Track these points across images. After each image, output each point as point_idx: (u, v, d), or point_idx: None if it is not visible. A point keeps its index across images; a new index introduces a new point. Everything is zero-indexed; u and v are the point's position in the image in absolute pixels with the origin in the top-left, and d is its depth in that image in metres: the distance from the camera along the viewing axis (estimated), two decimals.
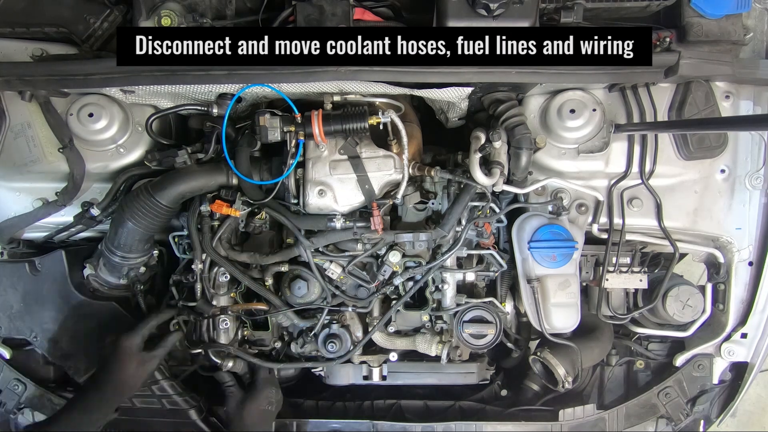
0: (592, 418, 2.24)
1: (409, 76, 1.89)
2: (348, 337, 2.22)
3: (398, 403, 2.42)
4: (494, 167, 2.01)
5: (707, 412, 2.28)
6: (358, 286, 2.22)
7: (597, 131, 2.12)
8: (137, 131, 2.18)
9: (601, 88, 2.15)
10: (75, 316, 2.20)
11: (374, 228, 2.02)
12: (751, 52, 2.18)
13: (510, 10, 1.89)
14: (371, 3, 2.19)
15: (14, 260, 2.27)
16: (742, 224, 2.18)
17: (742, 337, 2.21)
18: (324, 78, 1.89)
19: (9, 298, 2.20)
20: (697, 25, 2.10)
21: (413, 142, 2.16)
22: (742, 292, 2.21)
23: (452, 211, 2.09)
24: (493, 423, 2.26)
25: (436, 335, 2.25)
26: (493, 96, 2.12)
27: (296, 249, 2.11)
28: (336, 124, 1.96)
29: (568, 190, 2.18)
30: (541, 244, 2.12)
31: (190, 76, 1.92)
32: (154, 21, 2.06)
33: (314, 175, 2.05)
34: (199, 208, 2.10)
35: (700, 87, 2.06)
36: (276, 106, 2.12)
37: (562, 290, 2.14)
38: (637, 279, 2.24)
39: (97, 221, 2.21)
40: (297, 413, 2.38)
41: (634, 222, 2.17)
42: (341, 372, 2.40)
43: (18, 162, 2.16)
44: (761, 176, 2.15)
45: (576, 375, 2.27)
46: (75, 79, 1.95)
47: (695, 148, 2.09)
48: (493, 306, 2.21)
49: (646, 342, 2.48)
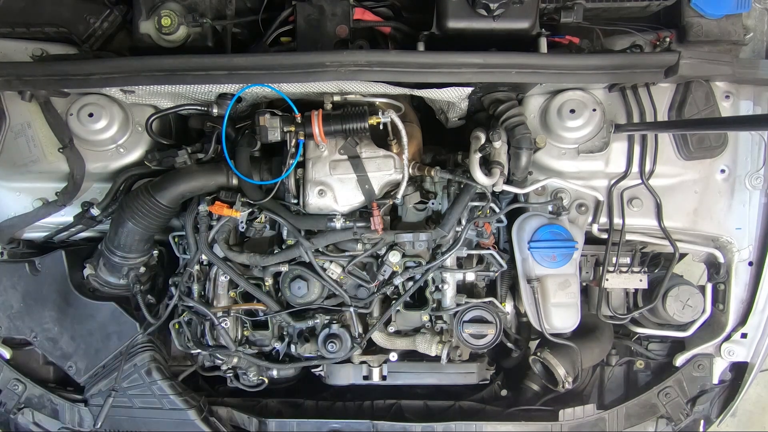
0: (592, 418, 2.24)
1: (409, 76, 1.89)
2: (348, 337, 2.21)
3: (398, 403, 2.42)
4: (494, 167, 2.01)
5: (707, 412, 2.28)
6: (358, 286, 2.22)
7: (597, 131, 2.12)
8: (137, 131, 2.18)
9: (601, 88, 2.14)
10: (75, 316, 2.20)
11: (374, 228, 2.02)
12: (751, 52, 2.19)
13: (510, 10, 1.89)
14: (371, 3, 2.20)
15: (14, 260, 2.27)
16: (742, 224, 2.18)
17: (742, 337, 2.21)
18: (324, 78, 1.88)
19: (9, 298, 2.21)
20: (697, 25, 2.11)
21: (413, 142, 2.16)
22: (742, 292, 2.21)
23: (452, 211, 2.09)
24: (493, 423, 2.26)
25: (436, 335, 2.25)
26: (493, 96, 2.12)
27: (296, 249, 2.11)
28: (336, 124, 1.96)
29: (568, 190, 2.18)
30: (541, 244, 2.12)
31: (190, 77, 1.92)
32: (154, 21, 2.06)
33: (314, 175, 2.05)
34: (197, 208, 2.09)
35: (700, 87, 2.06)
36: (276, 106, 2.12)
37: (562, 290, 2.14)
38: (637, 279, 2.24)
39: (97, 221, 2.21)
40: (297, 413, 2.38)
41: (634, 222, 2.17)
42: (341, 372, 2.40)
43: (18, 162, 2.16)
44: (761, 176, 2.15)
45: (576, 375, 2.27)
46: (75, 79, 1.95)
47: (695, 148, 2.09)
48: (493, 306, 2.21)
49: (646, 342, 2.48)
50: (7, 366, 2.25)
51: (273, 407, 2.41)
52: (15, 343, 2.28)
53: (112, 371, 2.20)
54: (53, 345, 2.22)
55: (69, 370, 2.23)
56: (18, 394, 2.24)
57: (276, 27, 2.25)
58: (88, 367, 2.22)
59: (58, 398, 2.23)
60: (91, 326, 2.21)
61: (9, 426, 2.27)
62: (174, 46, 2.12)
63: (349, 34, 2.20)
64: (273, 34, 2.26)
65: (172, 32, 2.07)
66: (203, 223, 2.10)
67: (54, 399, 2.23)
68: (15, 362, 2.27)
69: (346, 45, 2.20)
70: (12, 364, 2.26)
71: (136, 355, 2.20)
